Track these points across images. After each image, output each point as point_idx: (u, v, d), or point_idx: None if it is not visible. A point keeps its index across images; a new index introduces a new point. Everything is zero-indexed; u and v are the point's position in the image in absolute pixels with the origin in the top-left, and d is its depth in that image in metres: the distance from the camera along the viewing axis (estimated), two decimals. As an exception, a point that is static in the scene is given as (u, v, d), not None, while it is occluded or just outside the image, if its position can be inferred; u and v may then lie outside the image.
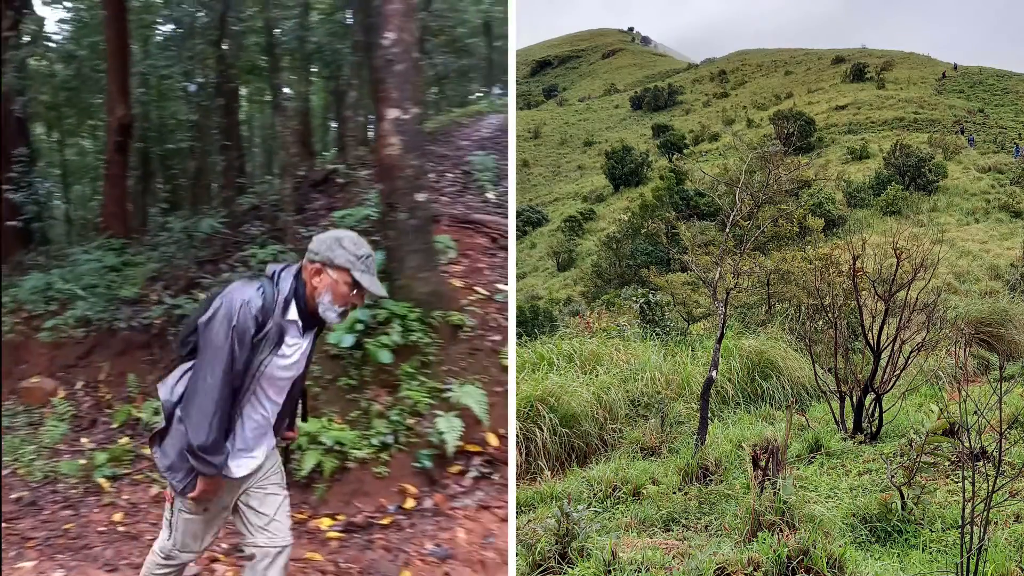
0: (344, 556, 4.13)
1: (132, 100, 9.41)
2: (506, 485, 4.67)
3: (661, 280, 9.45)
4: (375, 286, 2.92)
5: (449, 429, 4.73)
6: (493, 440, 4.90)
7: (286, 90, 12.45)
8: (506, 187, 8.80)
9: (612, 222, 15.99)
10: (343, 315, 2.93)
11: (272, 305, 2.83)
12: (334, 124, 14.28)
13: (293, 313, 2.89)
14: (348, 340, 5.13)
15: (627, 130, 21.86)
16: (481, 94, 18.13)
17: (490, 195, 8.47)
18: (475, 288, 5.98)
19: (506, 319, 5.80)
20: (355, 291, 2.90)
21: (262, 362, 2.84)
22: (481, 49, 17.64)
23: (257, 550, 3.06)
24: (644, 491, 4.69)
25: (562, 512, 3.66)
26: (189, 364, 2.92)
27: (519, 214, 17.02)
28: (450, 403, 4.91)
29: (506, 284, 6.16)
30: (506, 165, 9.85)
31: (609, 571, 3.42)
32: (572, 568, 3.53)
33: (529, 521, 4.25)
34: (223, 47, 10.07)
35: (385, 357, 5.03)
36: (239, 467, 2.95)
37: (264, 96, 12.89)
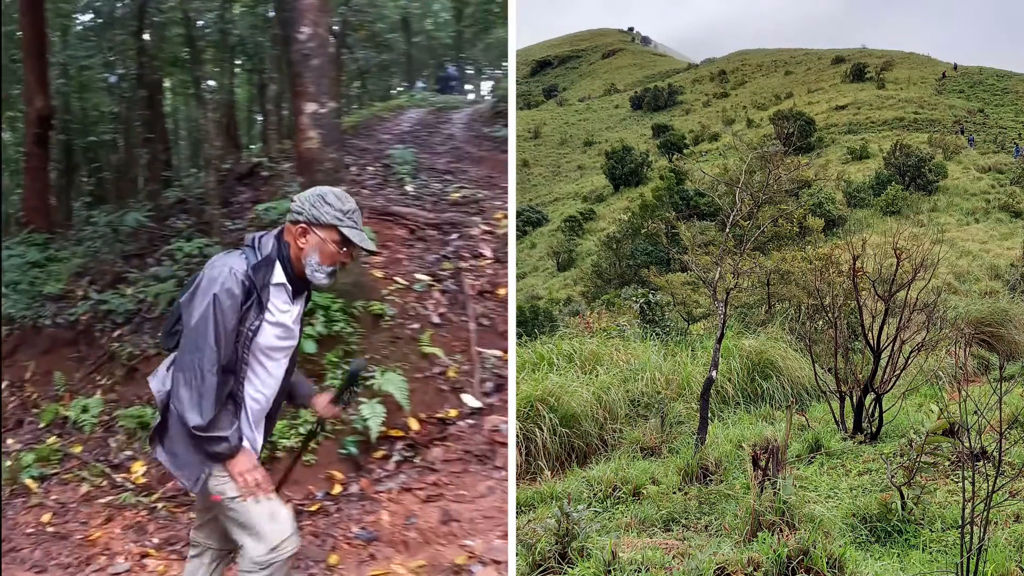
0: None
1: (52, 91, 9.21)
2: (428, 467, 4.80)
3: (661, 280, 9.45)
4: (365, 241, 2.83)
5: (372, 415, 4.86)
6: (414, 424, 5.08)
7: (210, 82, 12.41)
8: (425, 180, 8.96)
9: (612, 222, 15.98)
10: (332, 275, 2.81)
11: (259, 268, 2.69)
12: (260, 117, 14.28)
13: (279, 275, 2.75)
14: None
15: (627, 130, 21.86)
16: (401, 89, 18.22)
17: (409, 188, 8.62)
18: (394, 278, 6.14)
19: (426, 308, 5.92)
20: (344, 248, 2.79)
21: (252, 330, 2.68)
22: (400, 44, 17.86)
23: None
24: (644, 491, 4.69)
25: (562, 512, 3.66)
26: (178, 352, 2.75)
27: (519, 214, 17.02)
28: (373, 390, 5.02)
29: (425, 275, 6.27)
30: (427, 159, 10.13)
31: (609, 571, 3.42)
32: (572, 568, 3.53)
33: (529, 521, 4.25)
34: (144, 38, 9.98)
35: (310, 347, 5.13)
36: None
37: (189, 88, 12.82)
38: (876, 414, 5.59)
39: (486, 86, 20.30)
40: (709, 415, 5.38)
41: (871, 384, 5.59)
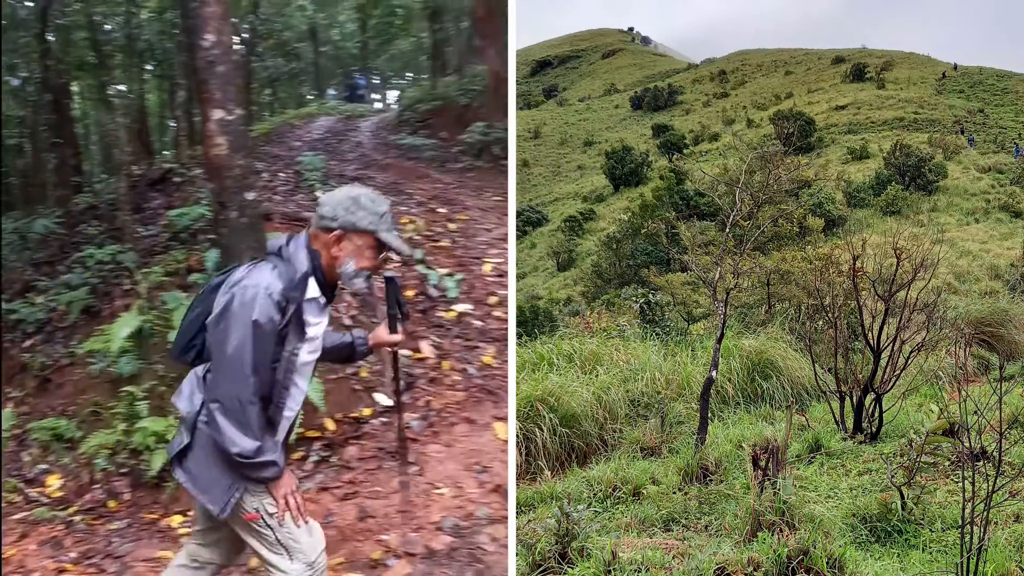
0: None
1: (-50, 93, 9.00)
2: (345, 466, 4.84)
3: (661, 280, 9.45)
4: (403, 245, 2.69)
5: None
6: (331, 425, 5.13)
7: (121, 87, 12.34)
8: (335, 186, 9.11)
9: (612, 222, 15.97)
10: (369, 279, 2.67)
11: (293, 286, 2.52)
12: (172, 122, 14.32)
13: (314, 290, 2.60)
14: None
15: (627, 130, 21.85)
16: (312, 97, 18.56)
17: (319, 194, 8.80)
18: None
19: (338, 311, 5.97)
20: (380, 253, 2.65)
21: (294, 354, 2.56)
22: (308, 54, 18.19)
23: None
24: (644, 491, 4.69)
25: (562, 512, 3.66)
26: (203, 369, 2.67)
27: (519, 214, 17.02)
28: None
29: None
30: (336, 166, 10.34)
31: (609, 571, 3.42)
32: (572, 568, 3.53)
33: (529, 521, 4.25)
34: (48, 40, 9.84)
35: None
36: None
37: (97, 93, 12.71)
38: (876, 414, 5.59)
39: (392, 95, 21.00)
40: (709, 415, 5.38)
41: (871, 384, 5.59)
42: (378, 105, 19.57)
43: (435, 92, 15.27)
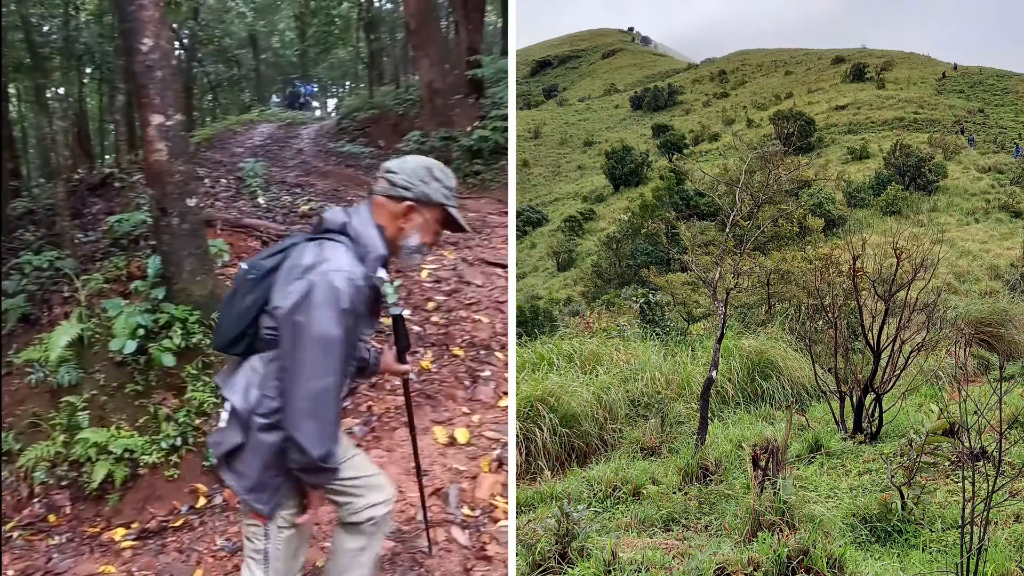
0: (138, 564, 4.22)
1: None
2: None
3: (661, 280, 9.45)
4: (465, 223, 2.57)
5: None
6: None
7: (60, 90, 12.33)
8: (276, 193, 9.27)
9: (612, 222, 15.98)
10: (425, 255, 2.55)
11: (373, 269, 2.34)
12: (112, 127, 14.35)
13: (382, 270, 2.40)
14: (131, 346, 5.23)
15: (627, 130, 21.86)
16: (253, 103, 18.77)
17: (261, 200, 8.88)
18: None
19: None
20: (443, 230, 2.53)
21: (360, 339, 2.42)
22: (249, 61, 18.54)
23: (370, 510, 2.71)
24: (644, 491, 4.69)
25: (562, 512, 3.66)
26: (259, 360, 2.43)
27: (519, 214, 17.02)
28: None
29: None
30: (277, 172, 10.45)
31: (609, 571, 3.42)
32: (572, 568, 3.53)
33: (529, 521, 4.25)
34: None
35: (168, 360, 5.13)
36: None
37: (35, 96, 12.72)
38: (876, 414, 5.59)
39: (331, 103, 21.49)
40: (709, 415, 5.38)
41: (871, 384, 5.59)
42: (318, 113, 19.97)
43: (373, 101, 15.56)
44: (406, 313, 6.27)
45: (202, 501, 4.75)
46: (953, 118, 17.63)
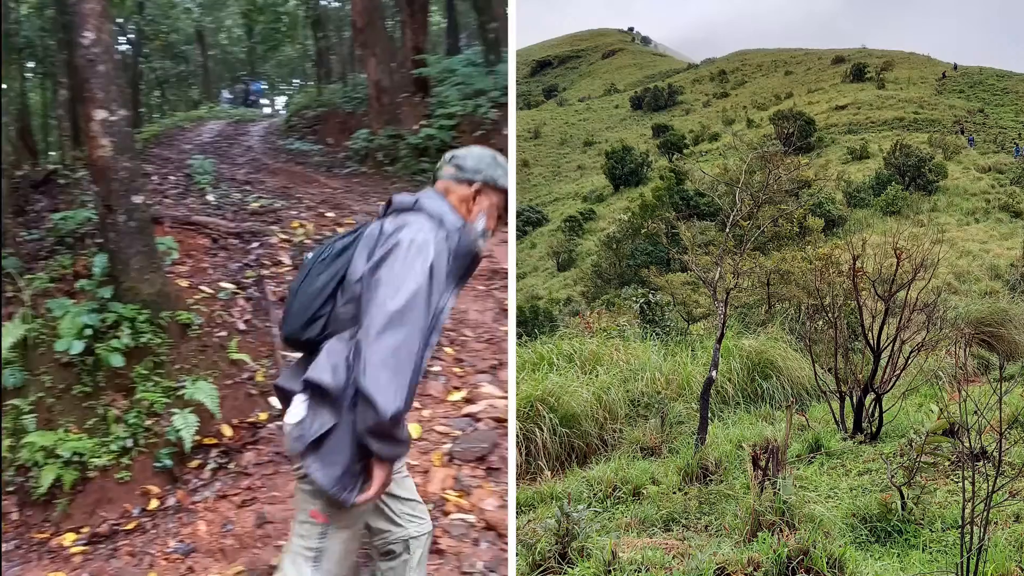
0: (88, 569, 4.17)
1: None
2: (242, 472, 4.83)
3: (661, 280, 9.46)
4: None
5: (185, 425, 4.88)
6: (228, 431, 5.11)
7: (2, 85, 12.24)
8: (226, 190, 9.19)
9: (612, 222, 15.97)
10: (487, 240, 2.57)
11: (454, 232, 2.40)
12: (56, 122, 14.22)
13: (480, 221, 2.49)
14: (78, 347, 5.11)
15: (627, 130, 21.85)
16: (201, 100, 18.75)
17: (210, 197, 8.80)
18: (200, 287, 6.20)
19: (232, 316, 5.99)
20: (500, 217, 2.58)
21: (440, 308, 2.37)
22: (197, 57, 18.48)
23: (409, 541, 2.66)
24: (644, 491, 4.69)
25: (562, 512, 3.66)
26: (338, 341, 2.36)
27: (519, 214, 17.03)
28: (185, 400, 5.04)
29: (229, 283, 6.36)
30: (227, 169, 10.38)
31: (609, 571, 3.42)
32: (572, 568, 3.53)
33: (529, 521, 4.25)
34: None
35: (117, 361, 5.04)
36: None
37: None
38: (876, 414, 5.59)
39: (280, 101, 21.55)
40: (709, 415, 5.38)
41: (871, 384, 5.59)
42: (268, 110, 20.03)
43: (321, 99, 15.60)
44: None
45: (154, 503, 4.68)
46: (953, 118, 17.63)
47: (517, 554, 3.75)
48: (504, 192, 2.57)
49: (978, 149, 16.55)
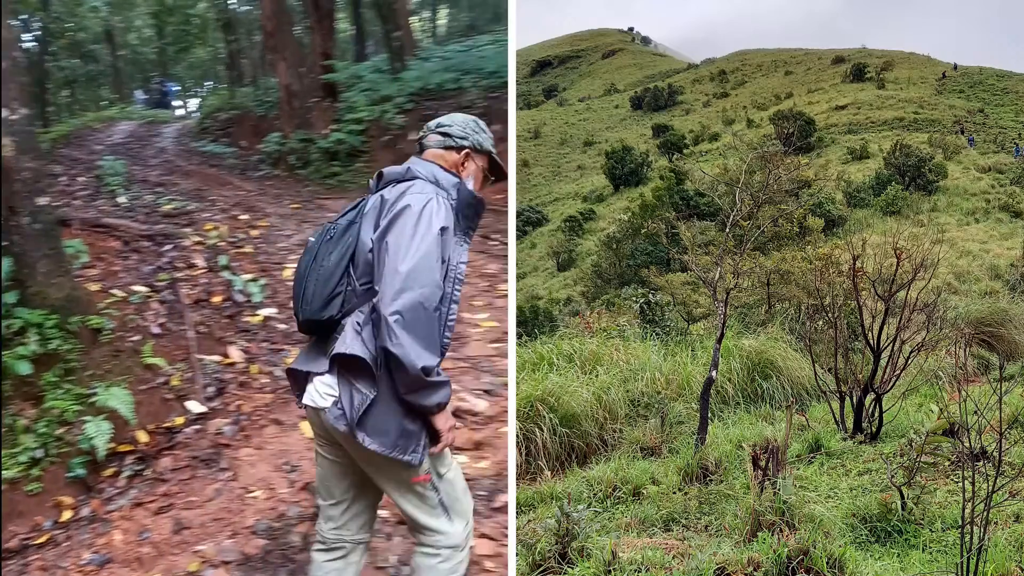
0: None
1: None
2: (158, 478, 4.74)
3: (661, 280, 9.46)
4: (506, 168, 2.74)
5: (98, 433, 4.70)
6: (143, 437, 4.98)
7: None
8: (138, 192, 9.07)
9: (612, 222, 15.97)
10: None
11: (457, 192, 2.50)
12: None
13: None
14: None
15: (627, 130, 21.85)
16: (111, 101, 18.54)
17: (121, 199, 8.66)
18: (111, 291, 6.05)
19: (146, 320, 5.87)
20: (487, 179, 2.68)
21: (457, 265, 2.44)
22: (106, 56, 18.14)
23: (360, 546, 2.74)
24: (644, 491, 4.69)
25: (562, 512, 3.66)
26: (359, 314, 2.41)
27: (519, 214, 17.03)
28: (97, 407, 4.88)
29: (142, 286, 6.25)
30: (139, 171, 10.28)
31: (609, 571, 3.42)
32: (572, 568, 3.53)
33: (529, 521, 4.26)
34: None
35: (24, 368, 4.85)
36: None
37: None
38: (876, 414, 5.59)
39: (193, 103, 21.26)
40: (709, 415, 5.38)
41: (871, 384, 5.59)
42: (180, 112, 19.86)
43: (233, 101, 15.64)
44: (273, 312, 6.30)
45: (67, 514, 4.52)
46: (953, 118, 17.63)
47: (517, 554, 3.75)
48: (488, 154, 2.67)
49: (978, 149, 16.55)
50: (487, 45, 13.55)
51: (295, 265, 2.64)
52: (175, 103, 20.30)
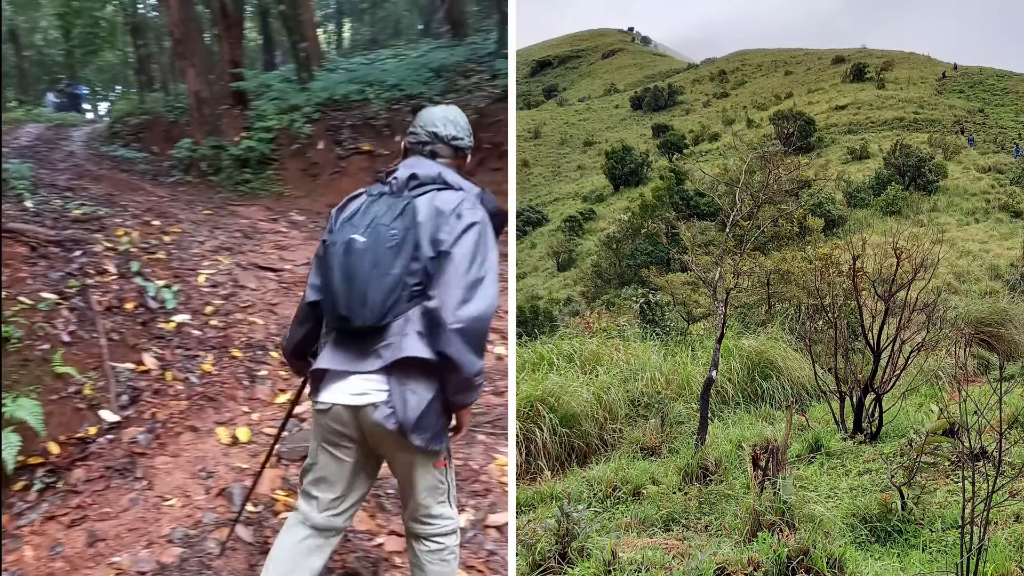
0: None
1: None
2: (71, 490, 4.61)
3: (661, 280, 9.47)
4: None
5: (6, 446, 4.54)
6: (55, 448, 4.83)
7: None
8: (45, 196, 8.84)
9: (612, 222, 15.98)
10: None
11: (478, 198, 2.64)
12: None
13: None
14: None
15: (627, 130, 21.87)
16: (17, 103, 18.06)
17: (28, 204, 8.38)
18: (18, 298, 5.88)
19: (56, 328, 5.69)
20: None
21: None
22: (10, 57, 17.75)
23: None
24: (644, 491, 4.69)
25: (562, 512, 3.66)
26: (403, 319, 2.47)
27: (519, 214, 17.03)
28: (5, 419, 4.73)
29: (51, 293, 6.07)
30: (47, 175, 10.05)
31: (609, 571, 3.42)
32: (572, 568, 3.53)
33: (529, 521, 4.26)
34: None
35: None
36: None
37: None
38: (876, 414, 5.59)
39: (102, 107, 21.02)
40: (709, 415, 5.38)
41: (871, 384, 5.59)
42: (90, 115, 19.56)
43: (144, 106, 15.58)
44: (187, 318, 6.26)
45: None
46: (953, 118, 17.64)
47: (517, 554, 3.75)
48: (468, 155, 2.82)
49: (978, 149, 16.56)
50: (389, 59, 13.88)
51: (208, 271, 2.67)
52: (84, 106, 19.96)
